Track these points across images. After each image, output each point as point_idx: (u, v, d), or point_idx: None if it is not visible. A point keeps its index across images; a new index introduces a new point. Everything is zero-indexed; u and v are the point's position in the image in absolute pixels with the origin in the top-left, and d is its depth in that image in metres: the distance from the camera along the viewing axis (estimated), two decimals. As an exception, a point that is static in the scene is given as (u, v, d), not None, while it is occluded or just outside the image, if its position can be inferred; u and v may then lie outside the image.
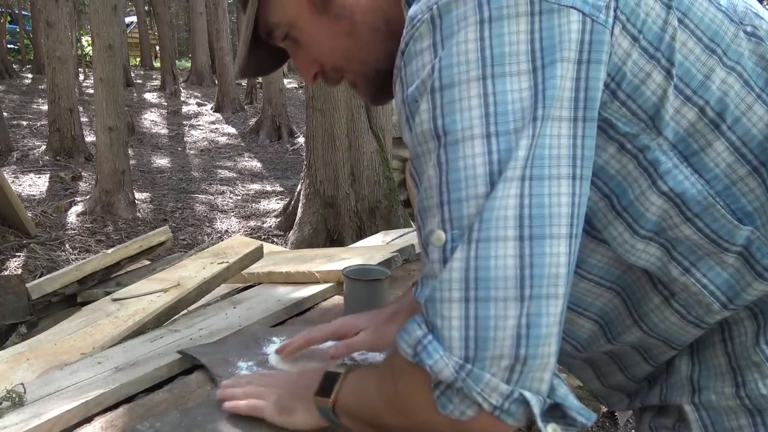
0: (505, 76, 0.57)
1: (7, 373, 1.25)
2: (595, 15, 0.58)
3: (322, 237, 4.89)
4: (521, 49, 0.57)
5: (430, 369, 0.56)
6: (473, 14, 0.58)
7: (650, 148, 0.63)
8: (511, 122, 0.56)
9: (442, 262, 0.57)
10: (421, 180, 0.61)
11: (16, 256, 4.61)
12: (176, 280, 1.65)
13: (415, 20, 0.61)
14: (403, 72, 0.62)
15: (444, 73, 0.58)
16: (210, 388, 1.05)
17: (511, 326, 0.55)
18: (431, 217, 0.59)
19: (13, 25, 20.19)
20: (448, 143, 0.58)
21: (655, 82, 0.62)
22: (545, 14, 0.57)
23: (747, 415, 0.70)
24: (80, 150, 7.90)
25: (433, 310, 0.57)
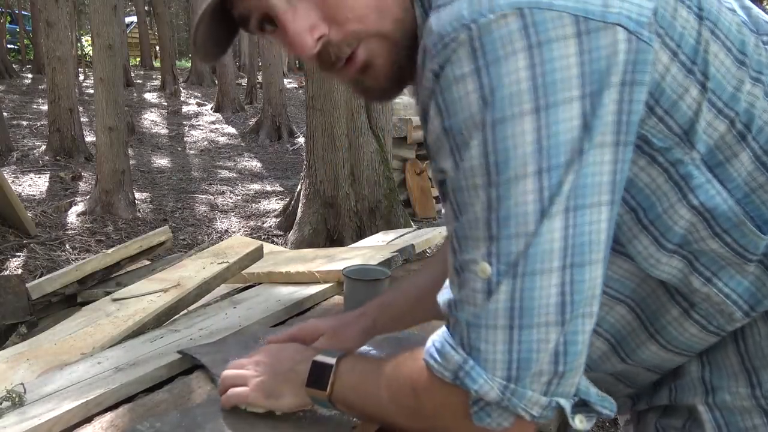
0: (558, 105, 0.55)
1: (7, 373, 1.25)
2: (639, 32, 0.57)
3: (322, 237, 4.89)
4: (572, 74, 0.55)
5: (476, 392, 0.60)
6: (520, 38, 0.55)
7: (683, 162, 0.62)
8: (562, 155, 0.56)
9: (486, 293, 0.58)
10: (462, 209, 0.60)
11: (16, 256, 4.61)
12: (176, 280, 1.65)
13: (447, 39, 0.57)
14: (441, 98, 0.59)
15: (496, 107, 0.55)
16: (210, 388, 1.05)
17: (552, 347, 0.58)
18: (474, 248, 0.59)
19: (13, 25, 20.19)
20: (500, 182, 0.56)
21: (691, 96, 0.61)
22: (592, 33, 0.55)
23: (762, 415, 0.69)
24: (80, 150, 7.90)
25: (476, 335, 0.59)
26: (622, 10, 0.56)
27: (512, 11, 0.55)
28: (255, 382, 0.89)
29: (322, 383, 0.80)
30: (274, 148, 9.95)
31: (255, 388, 0.89)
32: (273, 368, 0.90)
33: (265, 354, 0.93)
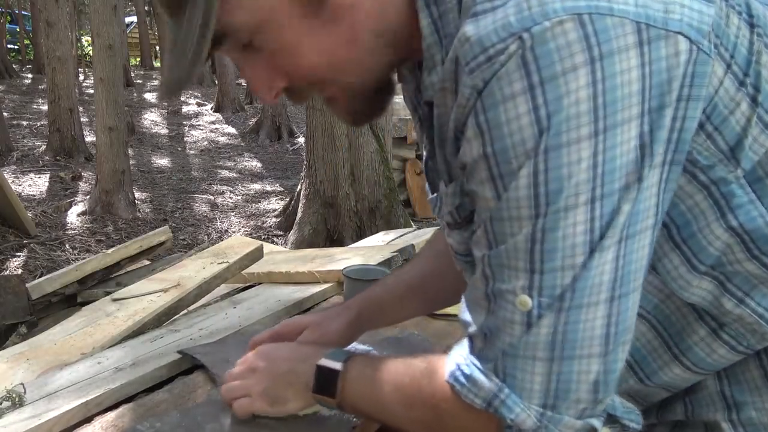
0: (617, 127, 0.50)
1: (7, 373, 1.25)
2: (700, 42, 0.52)
3: (322, 237, 4.89)
4: (633, 90, 0.50)
5: (512, 421, 0.58)
6: (581, 50, 0.49)
7: (726, 180, 0.58)
8: (617, 181, 0.52)
9: (525, 325, 0.56)
10: (499, 239, 0.56)
11: (16, 256, 4.61)
12: (176, 280, 1.65)
13: (493, 51, 0.50)
14: (483, 119, 0.52)
15: (551, 132, 0.50)
16: (210, 388, 1.05)
17: (593, 378, 0.57)
18: (513, 278, 0.56)
19: (13, 25, 20.19)
20: (548, 213, 0.52)
21: (741, 111, 0.56)
22: (654, 43, 0.50)
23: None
24: (80, 150, 7.90)
25: (512, 364, 0.57)
26: (684, 17, 0.52)
27: (570, 17, 0.49)
28: (257, 391, 0.87)
29: (330, 390, 0.78)
30: (274, 148, 9.95)
31: (258, 398, 0.87)
32: (271, 372, 0.87)
33: (259, 357, 0.90)
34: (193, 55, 0.56)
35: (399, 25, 0.61)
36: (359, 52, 0.61)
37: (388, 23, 0.61)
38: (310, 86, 0.65)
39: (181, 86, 0.58)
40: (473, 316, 0.62)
